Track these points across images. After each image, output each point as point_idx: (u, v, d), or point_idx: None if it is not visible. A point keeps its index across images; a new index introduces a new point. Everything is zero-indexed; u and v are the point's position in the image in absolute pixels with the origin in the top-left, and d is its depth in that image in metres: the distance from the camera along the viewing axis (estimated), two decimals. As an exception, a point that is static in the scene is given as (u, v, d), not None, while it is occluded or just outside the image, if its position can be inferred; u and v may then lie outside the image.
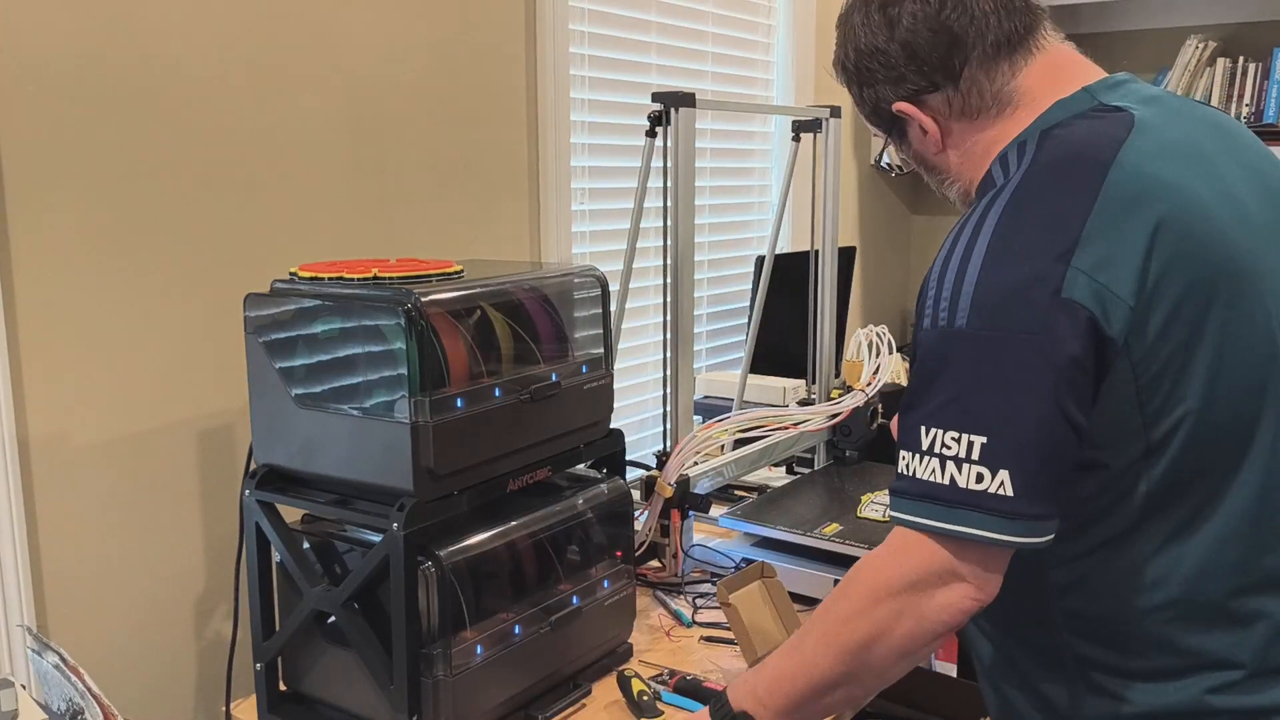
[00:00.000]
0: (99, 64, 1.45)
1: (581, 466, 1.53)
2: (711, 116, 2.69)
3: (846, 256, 2.91)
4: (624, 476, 1.57)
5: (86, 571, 1.49)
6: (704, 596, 1.75)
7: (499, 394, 1.31)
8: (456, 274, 1.35)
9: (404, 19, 1.84)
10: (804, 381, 2.40)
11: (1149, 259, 0.93)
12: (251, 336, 1.33)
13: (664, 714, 1.38)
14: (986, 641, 1.15)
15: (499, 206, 2.06)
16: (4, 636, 1.39)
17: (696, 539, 1.90)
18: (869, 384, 2.09)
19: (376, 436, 1.24)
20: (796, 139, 2.19)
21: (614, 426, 1.55)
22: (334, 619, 1.31)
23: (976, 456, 0.93)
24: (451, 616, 1.25)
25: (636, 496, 1.69)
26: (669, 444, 1.83)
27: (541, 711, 1.38)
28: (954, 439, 0.94)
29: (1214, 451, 0.98)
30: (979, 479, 0.93)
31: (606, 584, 1.48)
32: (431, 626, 1.24)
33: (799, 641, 1.05)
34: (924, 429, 0.97)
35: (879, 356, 2.11)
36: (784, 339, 2.54)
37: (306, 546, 1.34)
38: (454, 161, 1.96)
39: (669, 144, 1.77)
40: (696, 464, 1.84)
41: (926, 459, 0.96)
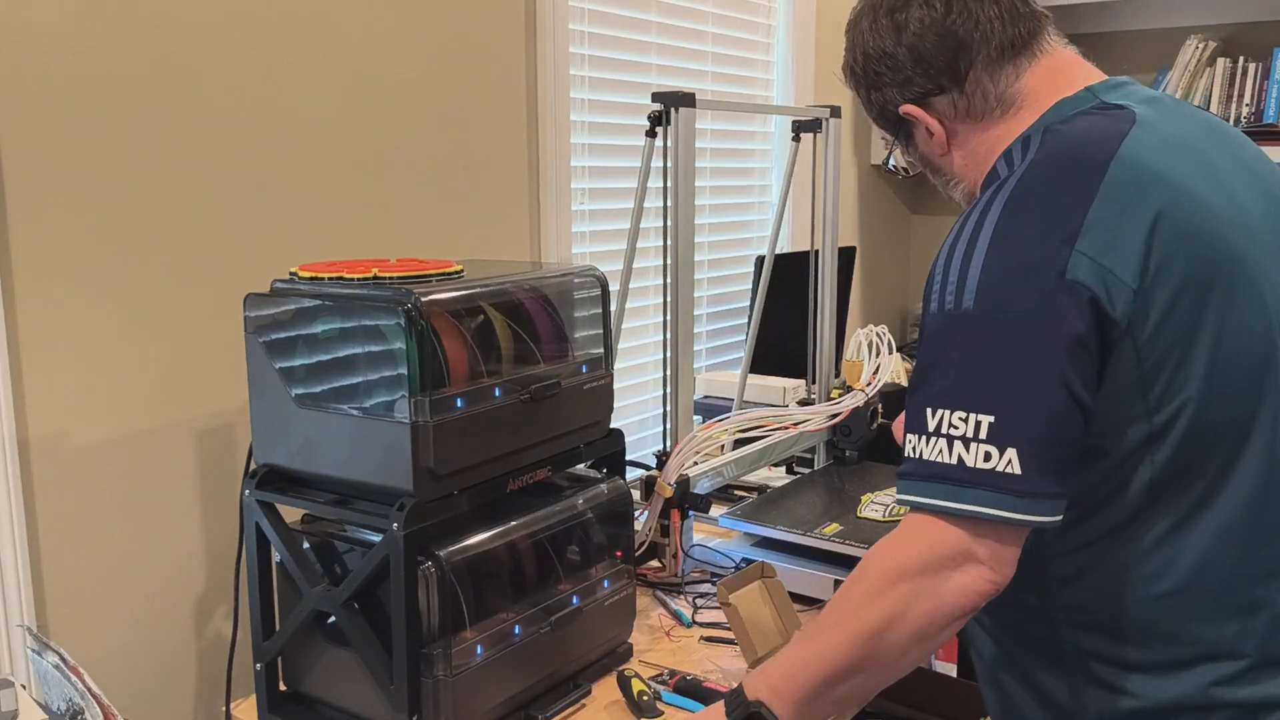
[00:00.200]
0: (100, 64, 1.45)
1: (581, 466, 1.53)
2: (711, 116, 2.70)
3: (846, 256, 2.91)
4: (624, 476, 1.57)
5: (86, 571, 1.49)
6: (704, 596, 1.75)
7: (499, 394, 1.31)
8: (456, 274, 1.35)
9: (404, 19, 1.84)
10: (804, 381, 2.40)
11: (1150, 247, 0.94)
12: (252, 336, 1.33)
13: (664, 714, 1.38)
14: (986, 637, 1.15)
15: (499, 206, 2.06)
16: (4, 636, 1.39)
17: (696, 539, 1.90)
18: (869, 384, 2.09)
19: (376, 436, 1.24)
20: (796, 139, 2.19)
21: (614, 426, 1.55)
22: (334, 619, 1.31)
23: (984, 435, 0.94)
24: (451, 616, 1.25)
25: (636, 496, 1.70)
26: (669, 444, 1.83)
27: (541, 711, 1.38)
28: (961, 419, 0.95)
29: (1213, 441, 0.99)
30: (987, 458, 0.93)
31: (606, 584, 1.48)
32: (431, 626, 1.24)
33: (813, 630, 1.04)
34: (930, 411, 0.97)
35: (879, 356, 2.11)
36: (784, 339, 2.54)
37: (306, 546, 1.34)
38: (454, 161, 1.96)
39: (669, 144, 1.77)
40: (696, 464, 1.84)
41: (934, 440, 0.96)
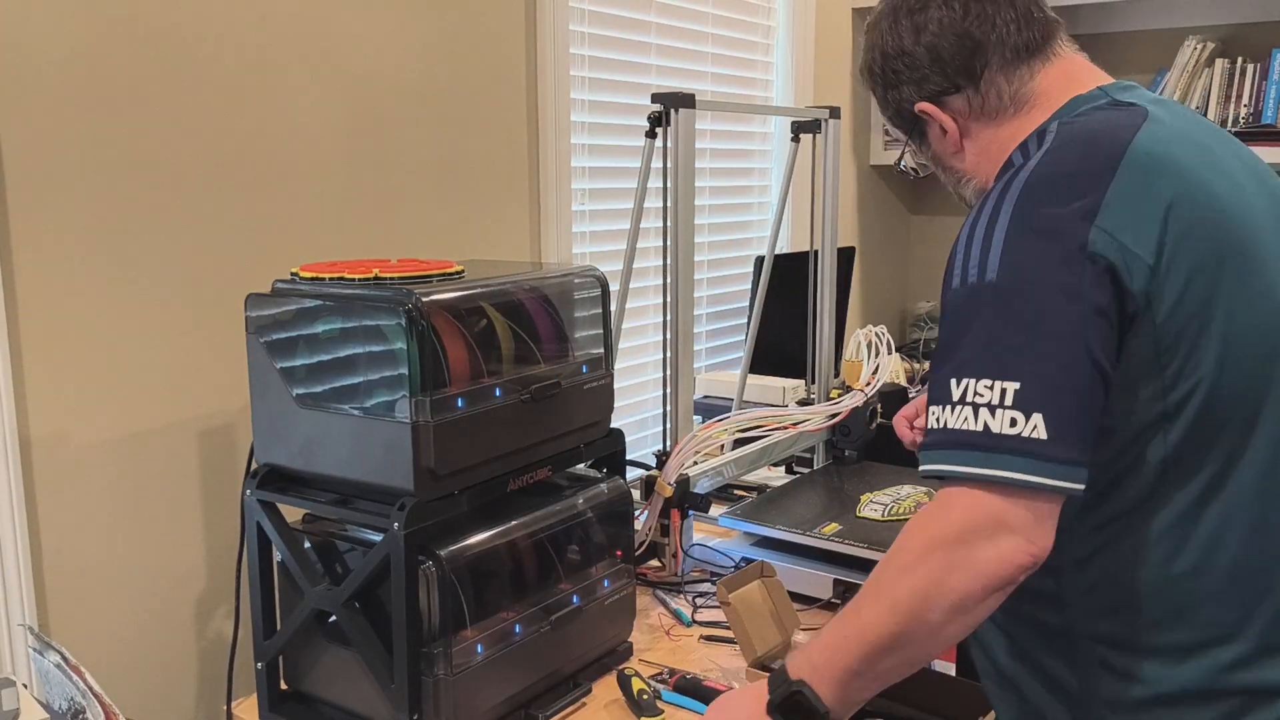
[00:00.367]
0: (101, 64, 1.45)
1: (581, 466, 1.53)
2: (711, 117, 2.70)
3: (846, 257, 2.92)
4: (624, 476, 1.57)
5: (88, 571, 1.50)
6: (704, 596, 1.75)
7: (499, 394, 1.31)
8: (457, 274, 1.35)
9: (404, 19, 1.84)
10: (803, 381, 2.41)
11: (1165, 229, 0.97)
12: (253, 336, 1.33)
13: (664, 713, 1.38)
14: (992, 626, 1.15)
15: (499, 207, 2.06)
16: (5, 636, 1.39)
17: (696, 538, 1.91)
18: (868, 384, 2.10)
19: (377, 436, 1.24)
20: (796, 139, 2.19)
21: (614, 426, 1.55)
22: (335, 618, 1.31)
23: (1010, 402, 0.94)
24: (452, 616, 1.25)
25: (636, 496, 1.70)
26: (669, 444, 1.84)
27: (542, 710, 1.38)
28: (986, 386, 0.95)
29: (1224, 423, 1.00)
30: (1013, 423, 0.94)
31: (606, 583, 1.48)
32: (432, 626, 1.24)
33: (854, 605, 1.03)
34: (955, 380, 0.98)
35: (878, 356, 2.12)
36: (783, 339, 2.54)
37: (307, 546, 1.35)
38: (454, 162, 1.96)
39: (669, 145, 1.77)
40: (696, 464, 1.85)
41: (959, 409, 0.97)
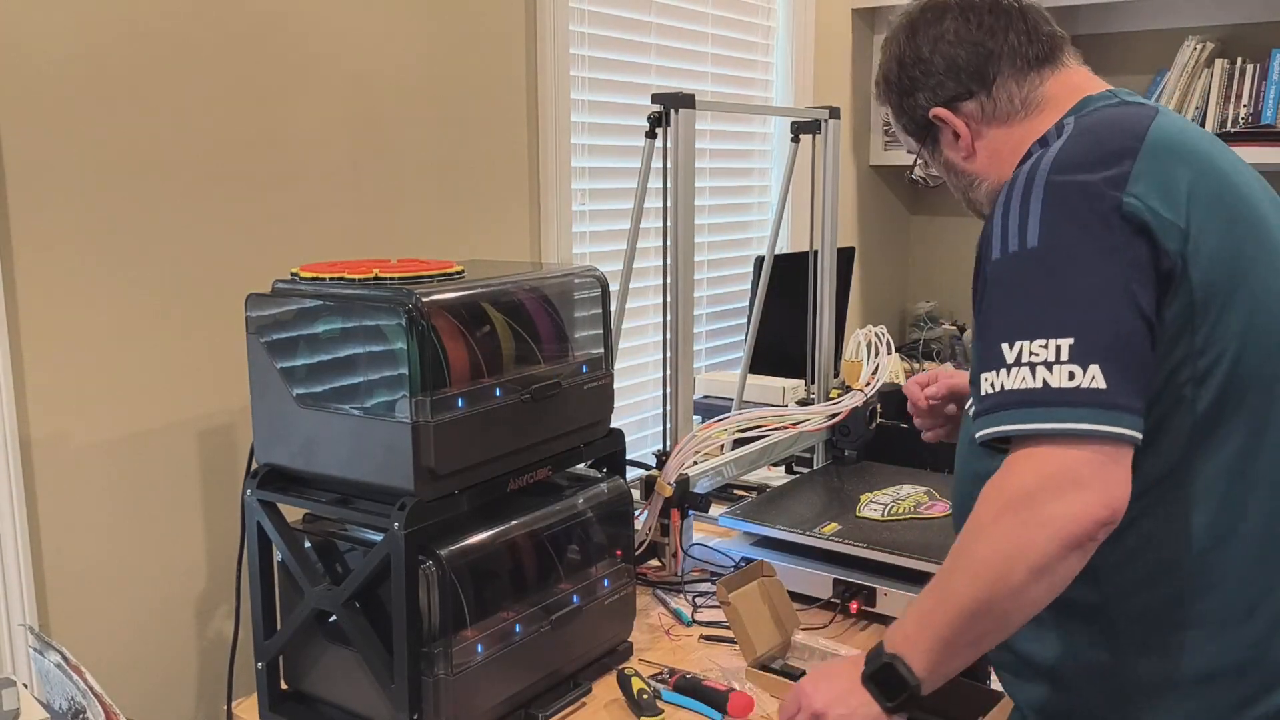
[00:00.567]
0: (100, 64, 1.45)
1: (581, 466, 1.53)
2: (711, 117, 2.70)
3: (845, 257, 2.92)
4: (624, 476, 1.57)
5: (88, 571, 1.50)
6: (703, 595, 1.76)
7: (500, 394, 1.31)
8: (457, 274, 1.35)
9: (404, 19, 1.84)
10: (803, 381, 2.41)
11: (1189, 201, 1.01)
12: (253, 336, 1.33)
13: (664, 712, 1.38)
14: None
15: (499, 207, 2.06)
16: (6, 635, 1.39)
17: (696, 538, 1.91)
18: (868, 384, 2.10)
19: (378, 436, 1.24)
20: (796, 140, 2.20)
21: (614, 426, 1.55)
22: (335, 618, 1.31)
23: (1066, 357, 0.96)
24: (452, 615, 1.25)
25: (636, 496, 1.70)
26: (669, 444, 1.84)
27: (542, 710, 1.38)
28: (1041, 345, 0.98)
29: (1249, 390, 1.03)
30: (1071, 377, 0.96)
31: (606, 583, 1.49)
32: (432, 625, 1.24)
33: (940, 575, 1.04)
34: (1007, 345, 0.99)
35: (878, 356, 2.12)
36: (783, 339, 2.55)
37: (308, 546, 1.35)
38: (454, 162, 1.96)
39: (669, 145, 1.77)
40: (696, 463, 1.85)
41: (1015, 370, 0.98)
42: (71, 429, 1.47)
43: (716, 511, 1.88)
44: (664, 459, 1.78)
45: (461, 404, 1.26)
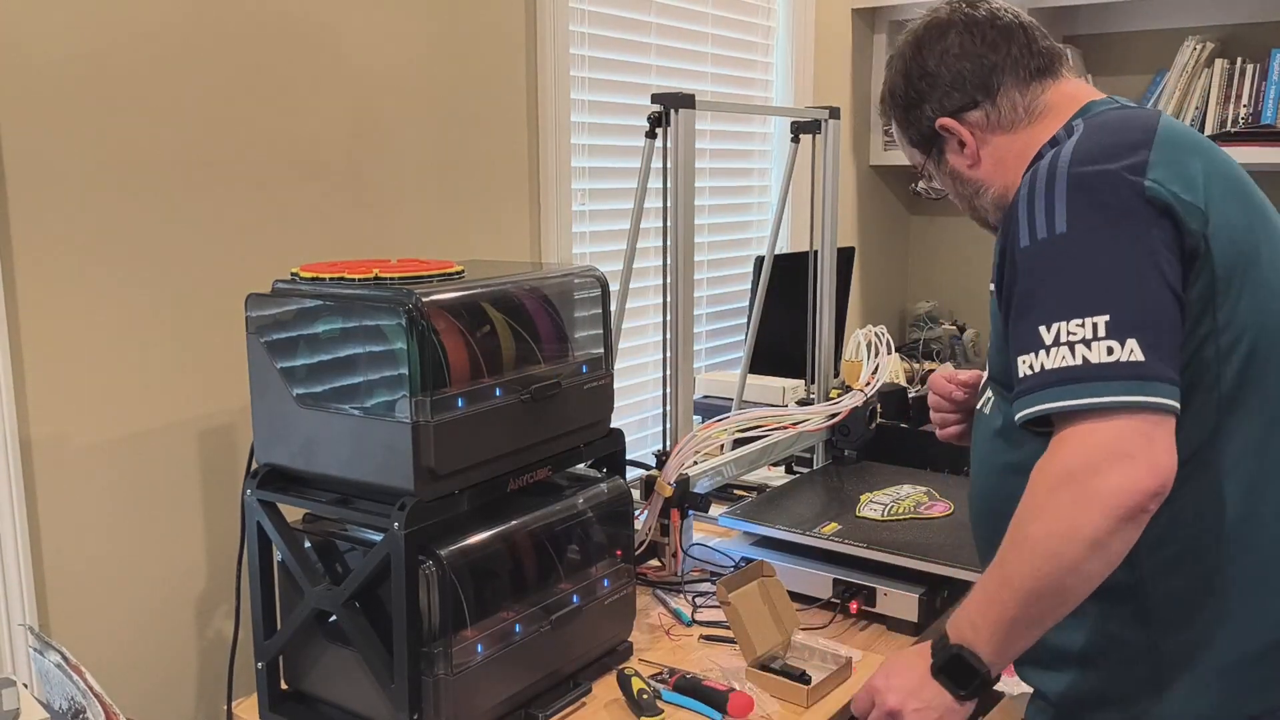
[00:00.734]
0: (100, 64, 1.45)
1: (581, 466, 1.53)
2: (711, 117, 2.70)
3: (845, 257, 2.92)
4: (624, 476, 1.57)
5: (88, 571, 1.50)
6: (703, 595, 1.76)
7: (500, 394, 1.31)
8: (457, 274, 1.35)
9: (404, 19, 1.84)
10: (803, 381, 2.41)
11: (1205, 187, 1.06)
12: (253, 336, 1.34)
13: (664, 713, 1.38)
14: None
15: (499, 207, 2.06)
16: (6, 635, 1.39)
17: (696, 538, 1.91)
18: (868, 384, 2.10)
19: (378, 436, 1.24)
20: (796, 140, 2.20)
21: (614, 426, 1.55)
22: (335, 618, 1.31)
23: (1103, 333, 0.99)
24: (452, 615, 1.25)
25: (636, 496, 1.70)
26: (669, 443, 1.84)
27: (542, 710, 1.38)
28: (1078, 325, 1.00)
29: (1269, 368, 1.07)
30: (1109, 351, 0.99)
31: (606, 583, 1.49)
32: (432, 625, 1.24)
33: (998, 559, 1.06)
34: (1044, 327, 1.02)
35: (878, 356, 2.12)
36: (783, 339, 2.55)
37: (308, 546, 1.35)
38: (454, 162, 1.96)
39: (669, 145, 1.77)
40: (696, 463, 1.85)
41: (1054, 350, 1.01)
42: (71, 429, 1.47)
43: (716, 511, 1.88)
44: (664, 459, 1.79)
45: (461, 404, 1.26)
